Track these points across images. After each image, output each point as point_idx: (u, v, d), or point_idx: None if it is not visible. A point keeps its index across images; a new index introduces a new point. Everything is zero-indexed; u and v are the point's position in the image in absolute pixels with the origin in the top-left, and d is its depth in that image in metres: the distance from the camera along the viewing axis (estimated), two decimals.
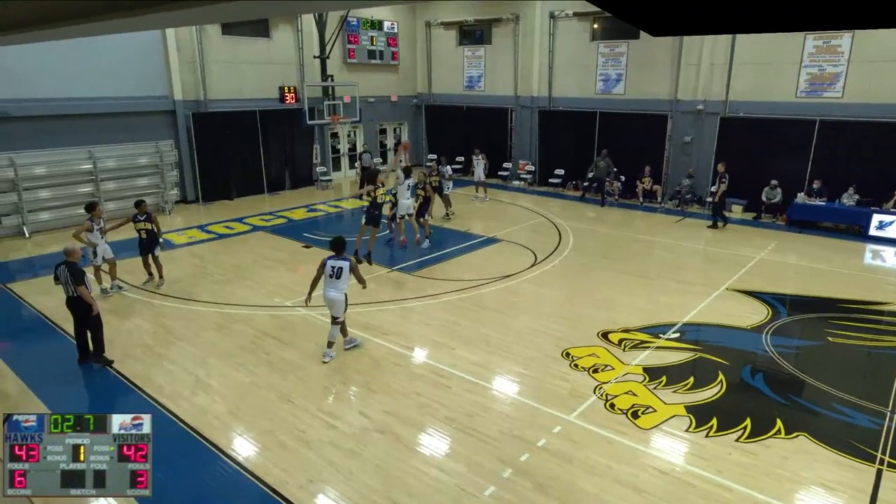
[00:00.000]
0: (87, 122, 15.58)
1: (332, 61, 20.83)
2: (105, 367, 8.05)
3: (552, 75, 20.79)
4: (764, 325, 9.51)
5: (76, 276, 7.70)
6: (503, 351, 8.59)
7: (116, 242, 14.31)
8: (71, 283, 7.72)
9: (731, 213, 17.12)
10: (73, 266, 7.74)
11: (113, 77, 15.97)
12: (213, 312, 10.02)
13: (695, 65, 17.57)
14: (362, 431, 6.61)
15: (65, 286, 7.84)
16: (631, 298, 10.61)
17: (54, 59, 14.80)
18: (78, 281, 7.70)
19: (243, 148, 19.02)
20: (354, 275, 8.14)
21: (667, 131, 18.34)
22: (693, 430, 6.66)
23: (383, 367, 8.14)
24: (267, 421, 6.83)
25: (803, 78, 15.89)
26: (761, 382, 7.81)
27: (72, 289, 7.77)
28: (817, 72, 15.71)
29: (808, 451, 6.34)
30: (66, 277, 7.75)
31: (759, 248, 13.77)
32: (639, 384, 7.62)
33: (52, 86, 15.00)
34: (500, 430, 6.64)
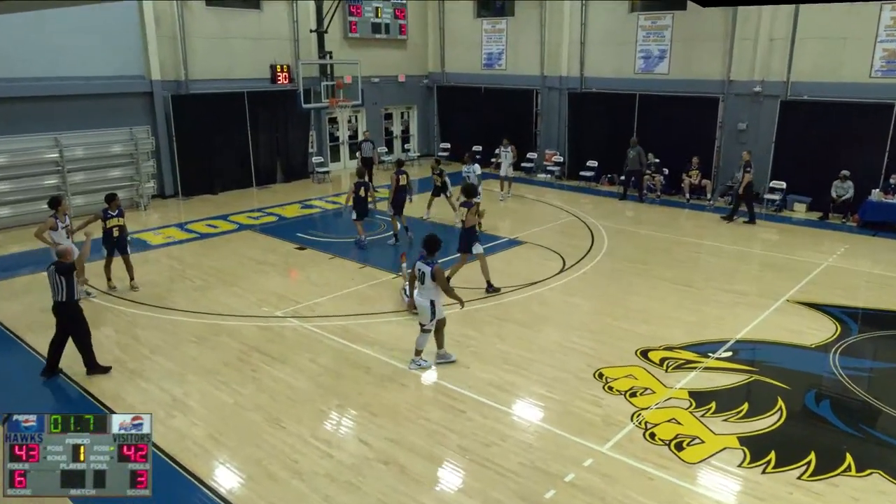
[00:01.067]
0: (52, 105, 15.80)
1: (330, 36, 20.95)
2: (70, 383, 8.14)
3: (584, 52, 20.75)
4: (831, 343, 9.39)
5: (65, 273, 7.84)
6: (525, 370, 8.55)
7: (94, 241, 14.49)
8: (61, 284, 7.87)
9: (793, 211, 16.97)
10: (62, 265, 7.89)
11: (82, 55, 16.20)
12: (193, 323, 10.09)
13: (751, 40, 17.43)
14: (362, 461, 6.62)
15: (53, 289, 7.98)
16: (675, 311, 10.53)
17: (15, 36, 15.02)
18: (68, 276, 7.84)
19: (229, 135, 19.19)
20: (438, 283, 8.18)
21: (718, 117, 18.22)
22: (747, 465, 6.59)
23: (387, 387, 8.15)
24: (253, 448, 6.86)
25: (878, 55, 15.70)
26: (828, 410, 7.70)
27: (62, 293, 7.92)
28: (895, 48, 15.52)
29: (882, 490, 6.23)
30: (55, 279, 7.90)
31: (827, 254, 13.62)
32: (684, 411, 7.55)
33: (12, 65, 15.24)
34: (520, 462, 6.61)
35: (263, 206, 17.76)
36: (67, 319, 8.11)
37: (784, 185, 17.19)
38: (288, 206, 17.68)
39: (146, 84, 17.48)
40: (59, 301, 8.00)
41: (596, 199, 18.82)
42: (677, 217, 16.84)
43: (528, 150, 22.14)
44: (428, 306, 8.31)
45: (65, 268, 7.89)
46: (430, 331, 8.51)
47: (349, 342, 9.35)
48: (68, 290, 7.93)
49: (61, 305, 8.02)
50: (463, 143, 23.58)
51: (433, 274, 8.14)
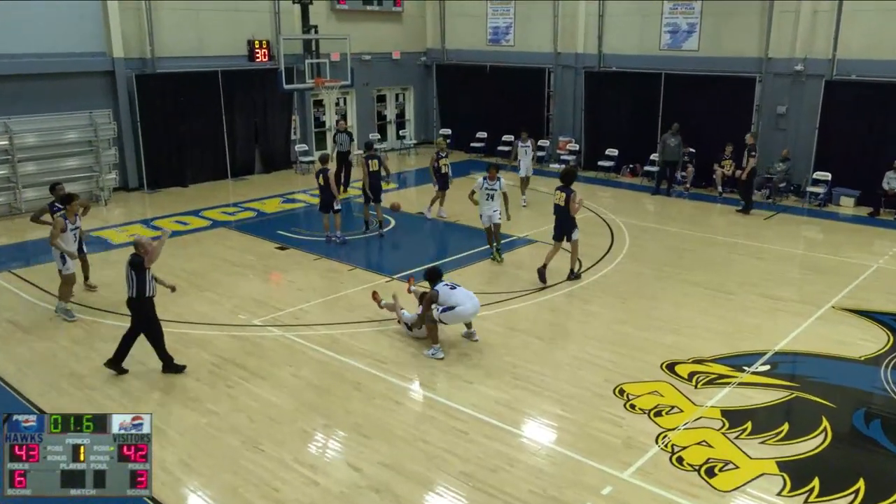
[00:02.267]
0: (0, 86, 15.78)
1: (315, 8, 20.96)
2: (22, 401, 8.16)
3: (603, 26, 20.78)
4: (883, 355, 9.40)
5: (136, 267, 8.30)
6: (536, 386, 8.57)
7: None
8: (131, 278, 8.32)
9: (839, 206, 16.98)
10: (136, 258, 8.32)
11: (34, 28, 16.19)
12: None
13: (792, 12, 17.46)
14: (352, 489, 6.63)
15: (127, 283, 8.42)
16: (705, 319, 10.55)
17: None
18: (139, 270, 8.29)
19: (201, 120, 19.22)
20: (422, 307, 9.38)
21: (754, 99, 18.25)
22: (788, 493, 6.60)
23: (379, 405, 8.16)
24: (230, 474, 6.86)
25: None
26: (879, 432, 7.71)
27: (132, 289, 8.37)
28: None
29: None
30: (128, 273, 8.37)
31: (877, 255, 13.63)
32: (716, 432, 7.56)
33: None
34: (531, 489, 6.62)
35: (240, 200, 17.77)
36: (135, 316, 8.56)
37: (829, 177, 17.20)
38: (268, 201, 17.69)
39: (107, 62, 17.49)
40: (128, 296, 8.45)
41: (616, 193, 18.84)
42: (708, 213, 16.86)
43: (540, 137, 22.16)
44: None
45: (139, 261, 8.30)
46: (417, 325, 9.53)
47: (337, 354, 9.36)
48: (139, 285, 8.34)
49: (130, 301, 8.48)
50: (465, 130, 23.68)
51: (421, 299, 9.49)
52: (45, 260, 13.13)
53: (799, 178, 17.83)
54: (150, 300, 8.55)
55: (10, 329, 10.19)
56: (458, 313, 9.29)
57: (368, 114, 23.87)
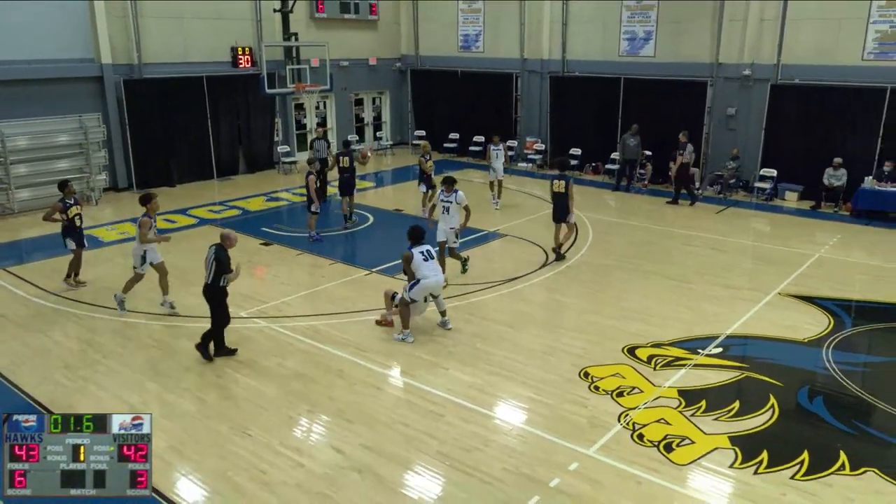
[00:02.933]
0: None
1: (296, 16, 20.78)
2: (17, 392, 8.01)
3: (566, 33, 20.84)
4: (824, 337, 9.56)
5: (219, 261, 8.42)
6: (508, 371, 8.60)
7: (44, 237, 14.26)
8: (210, 267, 8.44)
9: (784, 200, 17.24)
10: (221, 252, 8.46)
11: (25, 35, 15.87)
12: (150, 325, 9.98)
13: (740, 21, 17.65)
14: (336, 471, 6.61)
15: (206, 270, 8.52)
16: (663, 306, 10.65)
17: None
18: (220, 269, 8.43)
19: (187, 123, 18.98)
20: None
21: (706, 102, 18.43)
22: (739, 465, 6.70)
23: (361, 391, 8.13)
24: (219, 459, 6.81)
25: (871, 37, 16.00)
26: (821, 407, 7.84)
27: (208, 275, 8.49)
28: (889, 29, 15.82)
29: (878, 490, 6.38)
30: (210, 261, 8.46)
31: (819, 244, 13.86)
32: (673, 410, 7.64)
33: None
34: (504, 467, 6.65)
35: (225, 199, 17.57)
36: (208, 301, 8.65)
37: (775, 174, 17.46)
38: (252, 199, 17.52)
39: (95, 68, 17.19)
40: (205, 282, 8.55)
41: (580, 190, 18.80)
42: (664, 208, 17.00)
43: (508, 138, 22.17)
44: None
45: (223, 254, 8.43)
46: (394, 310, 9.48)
47: (320, 344, 9.31)
48: (215, 274, 8.46)
49: (205, 287, 8.58)
50: (439, 131, 23.62)
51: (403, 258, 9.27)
52: (38, 258, 12.95)
53: (748, 174, 18.05)
54: (224, 289, 8.63)
55: (3, 324, 9.98)
56: (423, 286, 9.14)
57: (347, 117, 23.73)
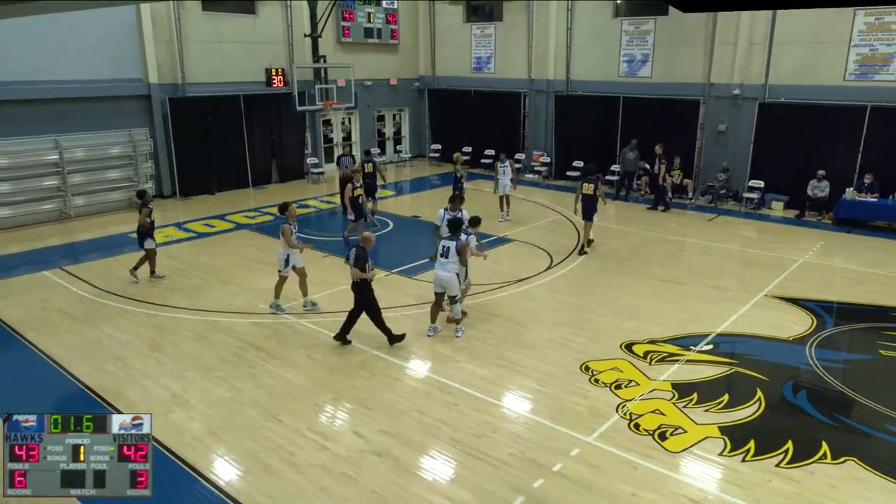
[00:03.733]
0: (52, 107, 15.65)
1: (324, 40, 20.86)
2: (72, 380, 8.10)
3: (570, 56, 20.79)
4: (808, 336, 9.48)
5: (357, 260, 8.62)
6: (515, 364, 8.59)
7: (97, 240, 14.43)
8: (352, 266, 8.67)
9: (771, 209, 17.08)
10: (360, 251, 8.67)
11: (82, 58, 16.06)
12: (191, 320, 10.06)
13: (731, 44, 17.52)
14: (357, 454, 6.63)
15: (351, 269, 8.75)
16: (658, 306, 10.60)
17: (16, 39, 14.88)
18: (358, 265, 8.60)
19: (225, 137, 19.08)
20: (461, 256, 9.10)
21: (699, 119, 18.30)
22: (728, 453, 6.65)
23: (381, 381, 8.16)
24: (251, 442, 6.85)
25: (853, 59, 15.82)
26: (805, 401, 7.79)
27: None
28: (868, 52, 15.64)
29: (857, 478, 6.31)
30: (351, 262, 8.71)
31: (803, 250, 13.73)
32: (667, 402, 7.61)
33: (13, 68, 15.08)
34: (511, 452, 6.64)
35: (259, 205, 17.69)
36: (358, 297, 8.86)
37: (762, 185, 17.29)
38: None
39: (144, 87, 17.36)
40: (353, 281, 8.76)
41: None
42: (660, 216, 16.89)
43: (517, 151, 22.16)
44: (453, 279, 9.05)
45: (360, 253, 8.63)
46: (460, 300, 9.27)
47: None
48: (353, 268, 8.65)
49: (353, 285, 8.80)
50: (453, 145, 23.62)
51: (458, 249, 8.99)
52: (93, 258, 13.10)
53: (737, 185, 17.89)
54: (370, 284, 8.77)
55: (60, 317, 10.11)
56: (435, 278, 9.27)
57: (370, 131, 23.80)
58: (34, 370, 8.45)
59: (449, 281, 9.04)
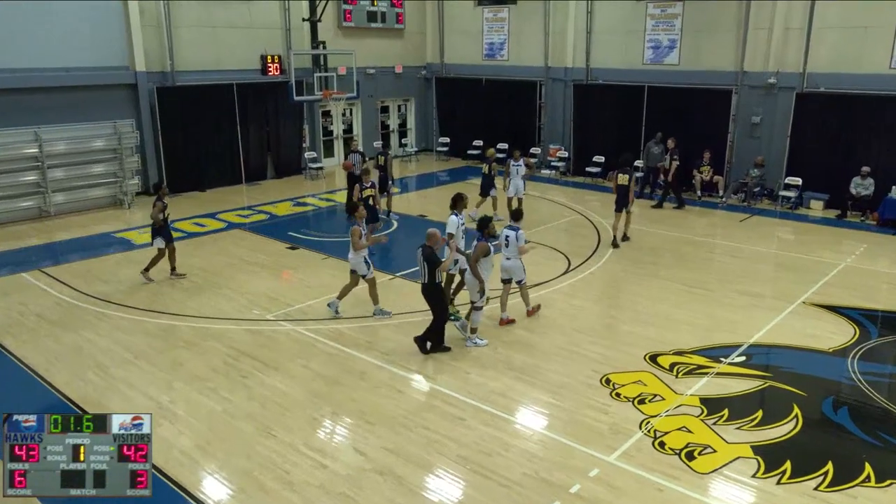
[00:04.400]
0: (32, 97, 15.78)
1: (324, 25, 20.96)
2: (50, 390, 8.15)
3: (590, 42, 20.75)
4: (850, 347, 9.40)
5: (430, 261, 8.76)
6: (528, 376, 8.56)
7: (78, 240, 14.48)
8: (423, 267, 8.81)
9: (809, 209, 16.98)
10: (428, 250, 8.82)
11: (63, 44, 16.17)
12: (179, 326, 10.09)
13: (766, 29, 17.44)
14: (358, 472, 6.62)
15: (421, 271, 8.91)
16: (686, 314, 10.54)
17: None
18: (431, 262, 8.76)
19: (218, 129, 19.21)
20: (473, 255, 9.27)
21: (731, 110, 18.22)
22: (762, 475, 6.60)
23: (383, 394, 8.15)
24: (244, 458, 6.86)
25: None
26: (846, 418, 7.71)
27: (424, 276, 8.84)
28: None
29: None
30: (419, 260, 8.87)
31: (845, 254, 13.63)
32: (695, 419, 7.56)
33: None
34: (524, 472, 6.62)
35: (253, 203, 17.76)
36: (427, 300, 9.01)
37: (800, 182, 17.18)
38: (279, 204, 17.67)
39: (130, 75, 17.48)
40: (422, 283, 8.93)
41: (603, 197, 18.77)
42: (688, 215, 16.84)
43: (532, 145, 22.14)
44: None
45: (429, 252, 8.80)
46: (481, 308, 9.25)
47: (344, 346, 9.36)
48: (429, 274, 8.80)
49: (424, 287, 8.94)
50: (463, 138, 23.66)
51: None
52: (74, 259, 13.19)
53: (772, 182, 17.81)
54: (440, 285, 9.00)
55: (39, 322, 10.18)
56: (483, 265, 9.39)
57: (373, 123, 23.86)
58: (10, 379, 8.50)
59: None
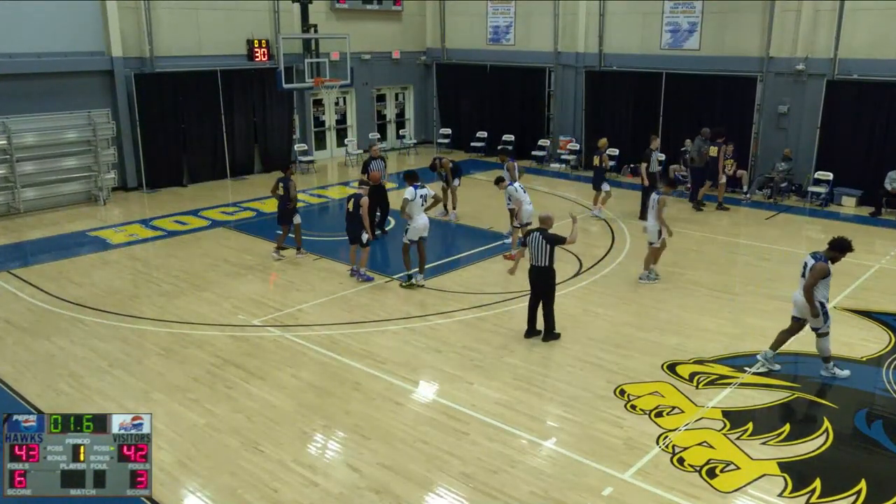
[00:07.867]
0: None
1: (315, 7, 20.97)
2: (19, 400, 8.17)
3: (604, 25, 20.78)
4: (885, 355, 9.41)
5: (551, 240, 9.28)
6: (537, 387, 8.57)
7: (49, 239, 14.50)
8: (544, 250, 9.29)
9: (840, 206, 16.96)
10: (546, 232, 9.36)
11: (32, 28, 16.21)
12: (158, 333, 10.10)
13: (793, 11, 17.46)
14: (352, 490, 6.63)
15: (534, 254, 9.38)
16: (707, 320, 10.55)
17: None
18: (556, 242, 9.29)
19: (200, 119, 19.26)
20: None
21: (755, 99, 18.23)
22: (789, 494, 6.59)
23: (379, 406, 8.15)
24: (228, 475, 6.86)
25: None
26: (880, 432, 7.69)
27: (544, 259, 9.34)
28: None
29: None
30: (538, 244, 9.30)
31: (879, 255, 13.62)
32: (717, 433, 7.55)
33: None
34: (531, 491, 6.62)
35: (239, 199, 17.78)
36: (543, 283, 9.50)
37: (831, 177, 17.17)
38: (267, 201, 17.59)
39: (106, 61, 17.51)
40: (540, 266, 9.38)
41: (617, 192, 18.77)
42: (709, 213, 16.83)
43: (540, 137, 22.17)
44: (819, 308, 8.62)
45: (551, 236, 9.30)
46: (826, 334, 8.72)
47: (336, 354, 9.36)
48: (550, 256, 9.33)
49: (541, 270, 9.41)
50: (466, 129, 23.67)
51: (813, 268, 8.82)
52: (45, 260, 13.20)
53: (800, 177, 17.80)
54: (555, 271, 9.50)
55: (6, 329, 10.19)
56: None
57: (368, 113, 23.88)
58: None
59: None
